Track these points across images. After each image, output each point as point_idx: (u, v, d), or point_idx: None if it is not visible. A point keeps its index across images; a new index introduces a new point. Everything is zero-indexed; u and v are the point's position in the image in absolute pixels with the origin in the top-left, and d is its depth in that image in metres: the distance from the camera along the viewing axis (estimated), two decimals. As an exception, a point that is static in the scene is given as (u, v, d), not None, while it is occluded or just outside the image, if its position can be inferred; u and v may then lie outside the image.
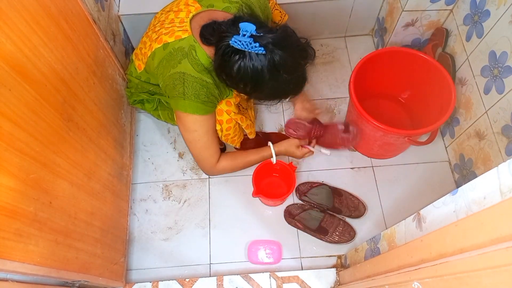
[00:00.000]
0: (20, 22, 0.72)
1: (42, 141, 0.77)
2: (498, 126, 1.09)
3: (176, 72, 0.99)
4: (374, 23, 1.59)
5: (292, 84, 1.01)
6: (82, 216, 0.94)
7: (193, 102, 1.00)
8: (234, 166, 1.21)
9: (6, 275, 0.69)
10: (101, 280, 1.03)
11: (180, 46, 1.00)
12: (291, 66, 0.95)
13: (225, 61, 0.93)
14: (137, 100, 1.28)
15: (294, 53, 0.95)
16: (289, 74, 0.96)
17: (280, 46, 0.91)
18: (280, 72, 0.94)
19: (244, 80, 0.95)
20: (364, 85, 1.26)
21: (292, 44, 0.95)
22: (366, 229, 1.30)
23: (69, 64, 0.92)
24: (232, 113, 1.12)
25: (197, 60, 0.99)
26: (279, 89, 1.00)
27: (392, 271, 0.72)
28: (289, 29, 0.97)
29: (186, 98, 1.00)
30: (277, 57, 0.91)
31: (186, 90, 0.99)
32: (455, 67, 1.29)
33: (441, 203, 0.62)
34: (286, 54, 0.92)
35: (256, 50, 0.90)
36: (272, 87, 0.97)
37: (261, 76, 0.93)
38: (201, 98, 1.01)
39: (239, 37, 0.89)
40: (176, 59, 1.00)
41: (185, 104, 1.01)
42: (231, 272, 1.25)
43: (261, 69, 0.92)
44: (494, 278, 0.43)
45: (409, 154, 1.40)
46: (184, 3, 1.09)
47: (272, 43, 0.90)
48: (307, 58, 1.00)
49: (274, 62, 0.91)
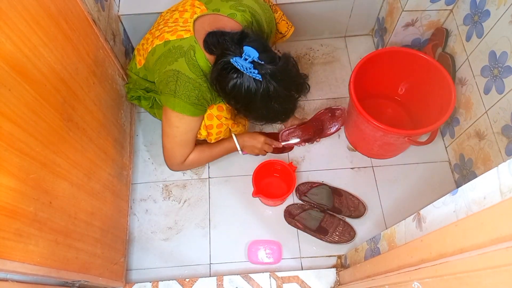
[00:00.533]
0: (20, 22, 0.72)
1: (42, 141, 0.77)
2: (498, 126, 1.09)
3: (171, 70, 1.00)
4: (374, 23, 1.59)
5: (281, 113, 1.04)
6: (82, 216, 0.94)
7: (183, 101, 1.01)
8: (201, 160, 1.23)
9: (6, 275, 0.69)
10: (101, 280, 1.03)
11: (180, 44, 1.01)
12: (283, 98, 0.98)
13: (222, 76, 0.95)
14: (134, 96, 1.29)
15: (289, 86, 0.98)
16: (280, 105, 0.99)
17: (277, 79, 0.94)
18: (271, 101, 0.97)
19: (236, 98, 0.98)
20: (364, 85, 1.26)
21: (289, 77, 0.98)
22: (366, 229, 1.30)
23: (69, 64, 0.92)
24: (223, 119, 1.13)
25: (194, 61, 0.99)
26: (267, 115, 1.04)
27: (392, 271, 0.72)
28: (290, 62, 0.98)
29: (177, 96, 1.01)
30: (271, 87, 0.94)
31: (177, 89, 1.00)
32: (455, 67, 1.29)
33: (441, 203, 0.62)
34: (280, 87, 0.95)
35: (254, 76, 0.92)
36: (261, 111, 1.01)
37: (253, 99, 0.96)
38: (191, 100, 1.01)
39: (240, 60, 0.91)
40: (174, 56, 1.00)
41: (174, 102, 1.02)
42: (231, 272, 1.25)
43: (254, 93, 0.94)
44: (494, 278, 0.43)
45: (409, 154, 1.40)
46: (190, 4, 1.09)
47: (270, 74, 0.93)
48: (301, 93, 1.03)
49: (268, 92, 0.94)
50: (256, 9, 1.09)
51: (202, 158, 1.22)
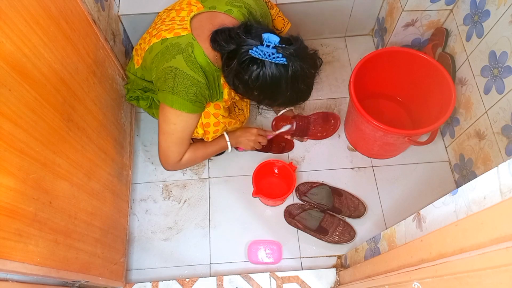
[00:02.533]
0: (20, 22, 0.72)
1: (42, 141, 0.77)
2: (498, 126, 1.09)
3: (169, 67, 1.00)
4: (374, 23, 1.59)
5: (305, 92, 1.04)
6: (82, 216, 0.94)
7: (181, 98, 1.01)
8: (196, 159, 1.21)
9: (6, 275, 0.69)
10: (101, 280, 1.03)
11: (178, 42, 1.00)
12: (308, 76, 0.98)
13: (243, 69, 0.95)
14: (133, 97, 1.29)
15: (310, 63, 0.98)
16: (305, 84, 1.00)
17: (300, 57, 0.94)
18: (298, 82, 0.97)
19: (261, 88, 0.98)
20: (364, 85, 1.26)
21: (307, 55, 0.98)
22: (366, 229, 1.30)
23: (69, 64, 0.92)
24: (220, 117, 1.13)
25: (192, 58, 0.99)
26: (293, 97, 1.03)
27: (392, 271, 0.72)
28: (302, 41, 0.99)
29: (175, 93, 1.00)
30: (297, 67, 0.94)
31: (175, 86, 1.00)
32: (455, 67, 1.29)
33: (441, 203, 0.62)
34: (304, 65, 0.95)
35: (278, 61, 0.92)
36: (288, 94, 1.00)
37: (279, 85, 0.96)
38: (190, 96, 1.01)
39: (262, 47, 0.91)
40: (171, 53, 1.00)
41: (172, 99, 1.01)
42: (231, 272, 1.25)
43: (279, 79, 0.94)
44: (494, 278, 0.43)
45: (409, 154, 1.40)
46: (187, 2, 1.09)
47: (294, 55, 0.93)
48: (317, 68, 1.04)
49: (295, 73, 0.94)
50: (252, 4, 1.09)
51: (197, 156, 1.21)
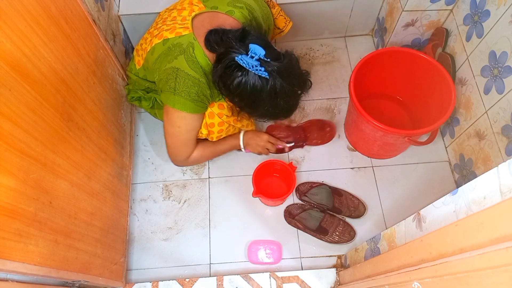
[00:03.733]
0: (20, 22, 0.72)
1: (42, 141, 0.77)
2: (498, 126, 1.09)
3: (171, 67, 1.00)
4: (374, 23, 1.59)
5: (285, 109, 1.04)
6: (82, 216, 0.94)
7: (183, 98, 1.01)
8: (205, 156, 1.24)
9: (6, 275, 0.69)
10: (101, 280, 1.03)
11: (179, 42, 1.01)
12: (289, 94, 0.98)
13: (227, 74, 0.95)
14: (134, 97, 1.29)
15: (294, 83, 0.98)
16: (285, 101, 1.00)
17: (283, 75, 0.94)
18: (277, 98, 0.97)
19: (241, 96, 0.98)
20: (364, 85, 1.26)
21: (294, 74, 0.98)
22: (366, 229, 1.30)
23: (69, 64, 0.92)
24: (224, 116, 1.13)
25: (193, 58, 0.99)
26: (272, 112, 1.04)
27: (392, 271, 0.72)
28: (294, 59, 0.99)
29: (177, 93, 1.01)
30: (278, 84, 0.94)
31: (177, 86, 1.00)
32: (455, 67, 1.29)
33: (441, 203, 0.62)
34: (286, 84, 0.95)
35: (260, 74, 0.92)
36: (266, 108, 1.01)
37: (258, 97, 0.96)
38: (192, 96, 1.01)
39: (246, 57, 0.91)
40: (173, 54, 1.00)
41: (174, 100, 1.02)
42: (231, 272, 1.25)
43: (260, 91, 0.94)
44: (494, 278, 0.43)
45: (409, 154, 1.40)
46: (188, 2, 1.09)
47: (276, 71, 0.93)
48: (304, 89, 1.04)
49: (275, 89, 0.94)
50: (253, 6, 1.09)
51: (206, 154, 1.23)
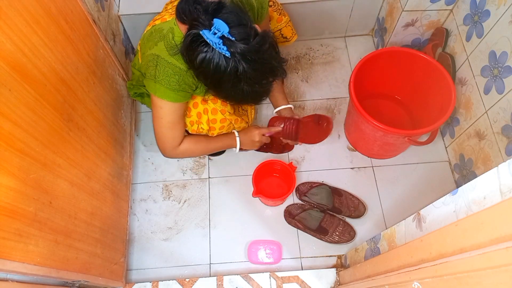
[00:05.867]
0: (20, 22, 0.72)
1: (42, 141, 0.77)
2: (498, 126, 1.09)
3: (151, 54, 0.97)
4: (374, 23, 1.59)
5: (250, 95, 0.97)
6: (82, 216, 0.94)
7: (163, 87, 0.98)
8: (195, 151, 1.17)
9: (6, 275, 0.69)
10: (101, 280, 1.03)
11: (161, 27, 0.99)
12: (253, 80, 0.91)
13: (191, 48, 0.89)
14: (137, 93, 1.28)
15: (260, 68, 0.91)
16: (249, 86, 0.93)
17: (247, 59, 0.87)
18: (240, 82, 0.91)
19: (204, 74, 0.92)
20: (364, 85, 1.26)
21: (262, 59, 0.90)
22: (366, 229, 1.30)
23: (69, 64, 0.92)
24: (227, 113, 1.12)
25: (172, 44, 0.96)
26: (235, 96, 0.98)
27: (392, 271, 0.72)
28: (267, 42, 0.89)
29: (157, 81, 0.98)
30: (240, 68, 0.87)
31: (157, 74, 0.97)
32: (455, 67, 1.29)
33: (441, 203, 0.62)
34: (250, 68, 0.88)
35: (223, 52, 0.86)
36: (229, 92, 0.95)
37: (221, 77, 0.90)
38: (172, 85, 0.98)
39: (209, 33, 0.85)
40: (154, 40, 0.98)
41: (155, 87, 0.98)
42: (231, 272, 1.25)
43: (223, 71, 0.88)
44: (494, 278, 0.43)
45: (409, 154, 1.40)
46: None
47: (240, 53, 0.86)
48: (275, 77, 0.97)
49: (236, 71, 0.88)
50: None
51: (198, 148, 1.17)
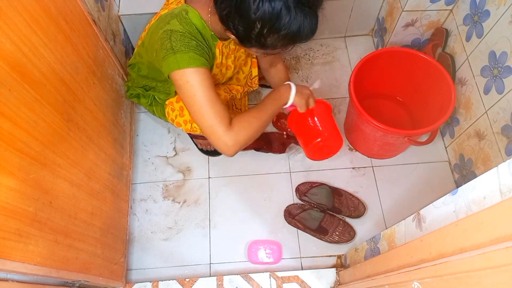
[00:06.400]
0: (20, 22, 0.72)
1: (42, 141, 0.77)
2: (498, 126, 1.09)
3: (163, 31, 0.95)
4: (374, 23, 1.59)
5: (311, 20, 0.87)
6: (82, 216, 0.94)
7: (185, 54, 0.92)
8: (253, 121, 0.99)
9: (6, 275, 0.69)
10: (101, 280, 1.03)
11: (171, 12, 0.98)
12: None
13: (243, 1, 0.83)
14: (133, 94, 1.29)
15: None
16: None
17: None
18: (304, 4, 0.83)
19: (262, 19, 0.84)
20: (364, 85, 1.26)
21: None
22: (366, 229, 1.30)
23: (69, 64, 0.92)
24: None
25: (187, 19, 0.95)
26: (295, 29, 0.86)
27: (392, 271, 0.72)
28: None
29: (177, 52, 0.92)
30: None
31: (173, 44, 0.93)
32: (455, 67, 1.29)
33: (441, 203, 0.62)
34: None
35: None
36: (289, 26, 0.85)
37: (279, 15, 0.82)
38: (193, 48, 0.93)
39: None
40: (165, 20, 0.97)
41: (176, 59, 0.92)
42: (231, 272, 1.25)
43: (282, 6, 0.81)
44: (494, 278, 0.43)
45: (409, 154, 1.40)
46: None
47: None
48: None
49: None
50: None
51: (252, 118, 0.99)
